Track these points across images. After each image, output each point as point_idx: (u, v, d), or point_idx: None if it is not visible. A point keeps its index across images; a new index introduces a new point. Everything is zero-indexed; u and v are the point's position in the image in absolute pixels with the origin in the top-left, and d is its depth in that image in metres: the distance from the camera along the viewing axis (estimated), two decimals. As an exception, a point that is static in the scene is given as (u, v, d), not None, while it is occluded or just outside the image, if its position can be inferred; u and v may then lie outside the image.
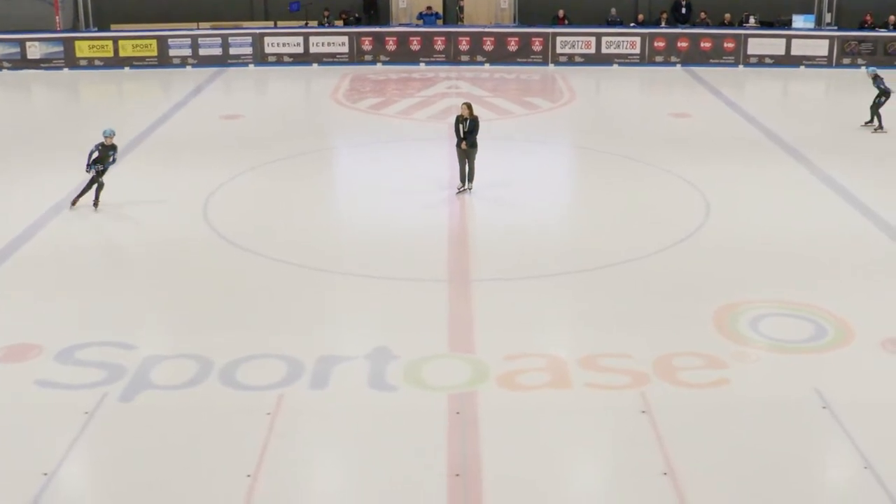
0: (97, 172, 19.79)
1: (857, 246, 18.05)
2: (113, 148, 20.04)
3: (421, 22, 39.36)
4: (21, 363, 13.53)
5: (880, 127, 26.99)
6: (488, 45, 37.22)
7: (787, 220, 19.36)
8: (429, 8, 39.53)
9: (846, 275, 16.70)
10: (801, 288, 16.00)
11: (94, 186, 19.92)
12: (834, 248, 17.92)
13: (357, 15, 39.67)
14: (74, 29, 39.29)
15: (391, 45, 37.37)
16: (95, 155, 19.74)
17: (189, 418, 12.18)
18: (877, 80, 26.96)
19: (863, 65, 35.94)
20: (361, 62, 37.20)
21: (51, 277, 16.71)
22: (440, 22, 39.75)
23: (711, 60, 36.70)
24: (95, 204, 19.90)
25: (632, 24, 38.91)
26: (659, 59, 36.95)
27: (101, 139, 19.92)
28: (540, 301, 15.72)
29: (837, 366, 13.47)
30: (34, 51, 36.21)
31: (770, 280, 16.41)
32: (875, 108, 27.06)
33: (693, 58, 36.80)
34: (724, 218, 19.48)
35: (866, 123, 27.25)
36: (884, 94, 26.86)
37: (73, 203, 19.99)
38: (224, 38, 37.02)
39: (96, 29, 39.38)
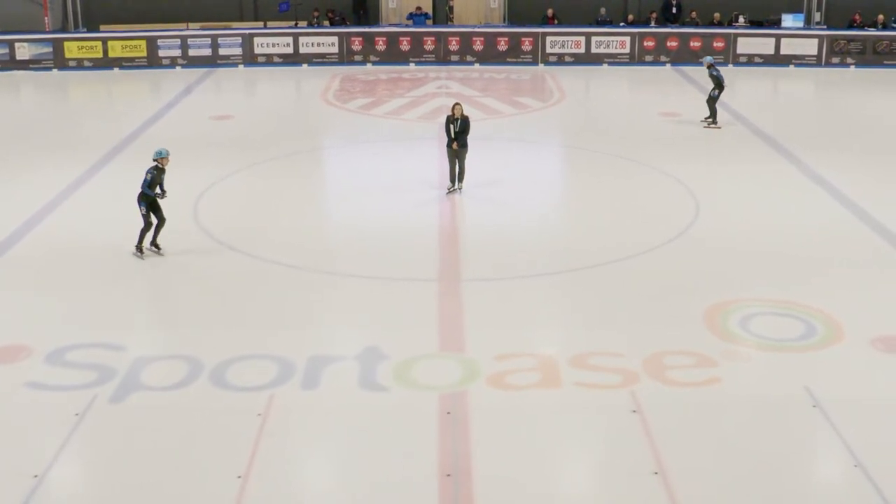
0: (148, 207, 17.18)
1: (846, 243, 18.09)
2: (164, 172, 17.43)
3: (410, 22, 39.34)
4: (11, 364, 13.51)
5: (714, 122, 27.06)
6: (478, 45, 37.21)
7: (777, 218, 19.39)
8: (418, 8, 39.53)
9: (836, 272, 16.73)
10: (791, 286, 16.04)
11: (143, 226, 17.27)
12: (824, 246, 17.96)
13: (344, 17, 39.51)
14: (63, 30, 39.21)
15: (381, 46, 37.35)
16: (148, 180, 17.12)
17: (180, 419, 12.17)
18: (712, 69, 26.99)
19: (852, 64, 36.05)
20: (351, 62, 37.17)
21: (41, 278, 16.68)
22: (430, 22, 39.74)
23: (701, 60, 36.66)
24: (139, 248, 17.33)
25: (621, 24, 38.94)
26: (648, 58, 36.99)
27: (154, 161, 17.36)
28: (530, 300, 15.73)
29: (828, 364, 13.51)
30: (23, 51, 36.11)
31: (760, 278, 16.44)
32: (711, 101, 27.10)
33: (683, 57, 36.83)
34: (714, 216, 19.50)
35: (706, 119, 27.32)
36: (718, 86, 26.86)
37: (142, 250, 17.36)
38: (213, 38, 36.96)
39: (85, 30, 39.31)
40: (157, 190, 17.26)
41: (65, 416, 12.15)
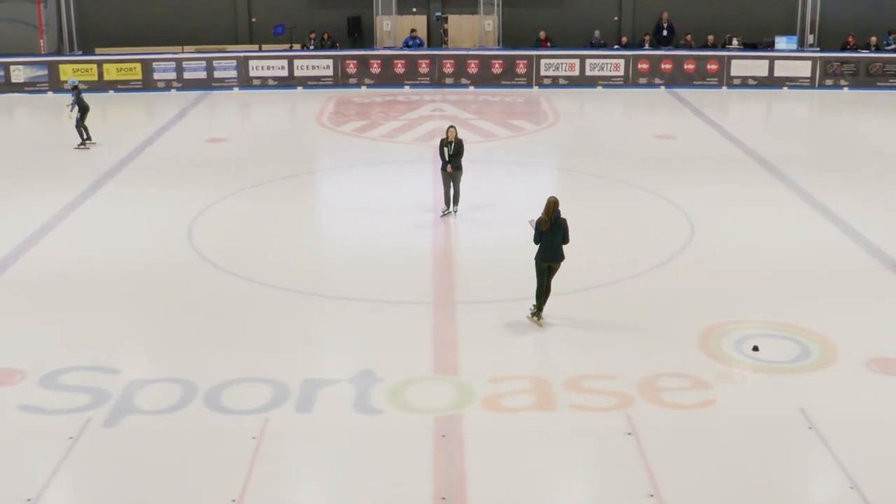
0: None
1: (839, 264, 18.12)
2: None
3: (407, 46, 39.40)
4: (4, 388, 13.48)
5: (84, 143, 27.56)
6: (472, 68, 37.30)
7: (771, 240, 19.41)
8: (413, 31, 39.56)
9: (829, 293, 16.75)
10: (785, 307, 16.05)
11: None
12: (817, 267, 17.98)
13: (335, 41, 39.53)
14: (59, 52, 39.25)
15: (375, 68, 37.42)
16: None
17: (174, 442, 12.14)
18: (75, 91, 27.53)
19: (845, 86, 36.16)
20: (346, 85, 37.24)
21: (35, 302, 16.66)
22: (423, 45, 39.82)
23: (695, 82, 36.84)
24: None
25: (615, 47, 39.05)
26: (643, 80, 37.07)
27: None
28: (524, 323, 15.71)
29: (823, 386, 13.51)
30: (18, 74, 36.16)
31: (754, 300, 16.45)
32: (78, 124, 27.49)
33: (676, 79, 36.92)
34: (709, 238, 19.52)
35: (79, 146, 27.56)
36: (82, 109, 27.37)
37: None
38: (209, 61, 37.02)
39: (80, 52, 39.34)
40: None
41: (59, 439, 12.12)
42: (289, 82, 37.12)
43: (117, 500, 11.04)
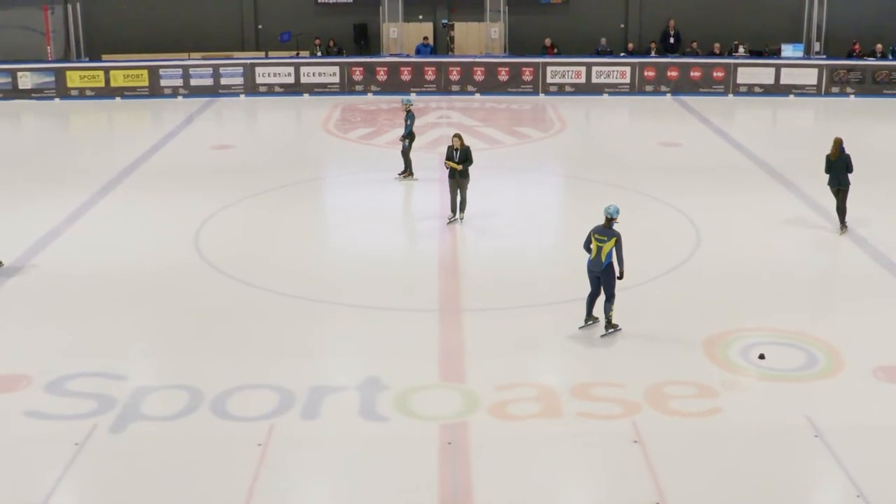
0: None
1: (846, 272, 18.12)
2: None
3: (414, 52, 39.37)
4: (10, 393, 13.49)
5: None
6: (479, 75, 37.31)
7: (777, 248, 19.39)
8: (425, 38, 39.54)
9: (836, 301, 16.76)
10: (791, 315, 16.03)
11: None
12: (825, 276, 17.99)
13: (341, 48, 39.56)
14: (66, 59, 39.28)
15: (382, 76, 37.43)
16: None
17: (180, 449, 12.15)
18: None
19: (852, 93, 36.13)
20: (352, 92, 37.27)
21: (41, 307, 16.67)
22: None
23: (701, 89, 36.81)
24: None
25: (621, 54, 39.05)
26: (649, 88, 37.05)
27: None
28: (531, 330, 15.71)
29: (829, 394, 13.49)
30: (25, 81, 36.21)
31: (761, 307, 16.43)
32: None
33: (683, 87, 36.91)
34: (715, 246, 19.51)
35: None
36: None
37: None
38: (215, 68, 37.05)
39: (87, 59, 39.41)
40: None
41: (64, 445, 12.12)
42: (295, 89, 37.16)
43: (123, 506, 11.06)
